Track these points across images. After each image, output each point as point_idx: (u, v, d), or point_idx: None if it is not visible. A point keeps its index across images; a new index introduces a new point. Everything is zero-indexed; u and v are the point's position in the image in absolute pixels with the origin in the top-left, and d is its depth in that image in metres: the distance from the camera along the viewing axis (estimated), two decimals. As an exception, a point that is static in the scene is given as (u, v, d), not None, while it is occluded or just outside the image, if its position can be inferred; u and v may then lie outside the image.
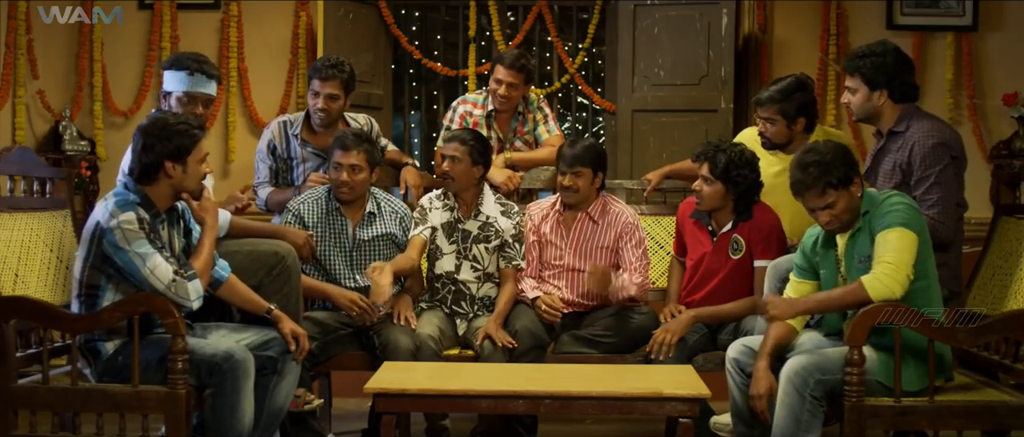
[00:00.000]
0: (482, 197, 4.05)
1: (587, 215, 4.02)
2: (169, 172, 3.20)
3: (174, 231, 3.34)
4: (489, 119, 4.54)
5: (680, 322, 3.77)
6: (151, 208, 3.21)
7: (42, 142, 5.86)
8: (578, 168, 3.94)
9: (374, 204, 3.95)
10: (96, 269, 3.18)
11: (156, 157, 3.18)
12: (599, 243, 4.01)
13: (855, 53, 3.66)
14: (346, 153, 3.85)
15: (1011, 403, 3.13)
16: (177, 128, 3.20)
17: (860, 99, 3.62)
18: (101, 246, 3.15)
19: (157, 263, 3.12)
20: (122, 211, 3.12)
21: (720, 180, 3.77)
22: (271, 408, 3.36)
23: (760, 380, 3.22)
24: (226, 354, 3.16)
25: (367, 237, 3.91)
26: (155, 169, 3.20)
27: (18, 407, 3.18)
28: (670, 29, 5.92)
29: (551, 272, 4.04)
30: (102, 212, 3.16)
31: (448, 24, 6.82)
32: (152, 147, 3.18)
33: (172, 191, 3.26)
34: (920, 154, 3.47)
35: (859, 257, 3.20)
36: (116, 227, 3.11)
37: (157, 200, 3.24)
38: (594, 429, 4.36)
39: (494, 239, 4.02)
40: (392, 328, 3.74)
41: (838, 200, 3.17)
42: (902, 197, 3.20)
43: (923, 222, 3.19)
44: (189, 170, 3.23)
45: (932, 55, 6.06)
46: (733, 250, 3.85)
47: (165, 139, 3.18)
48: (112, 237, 3.11)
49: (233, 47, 6.16)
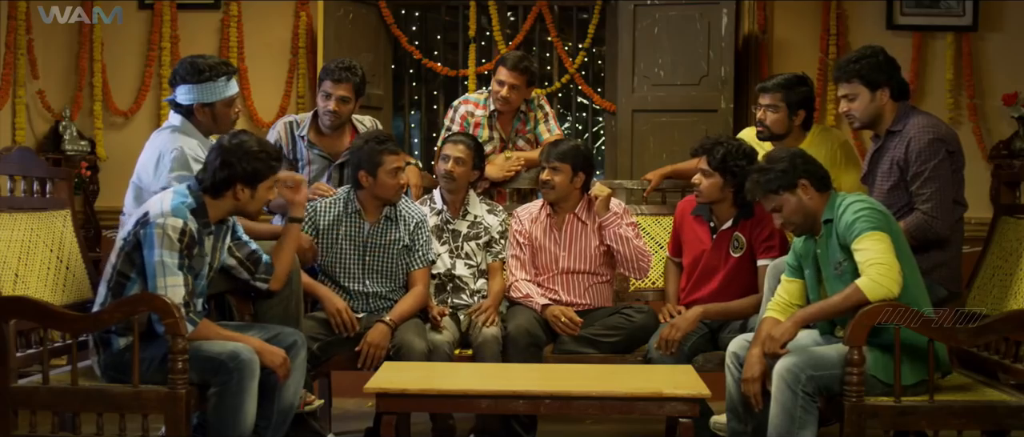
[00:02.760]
0: (468, 197, 4.14)
1: (574, 216, 4.03)
2: (237, 194, 3.26)
3: (219, 244, 3.37)
4: (491, 119, 4.54)
5: (687, 319, 3.76)
6: (203, 217, 3.25)
7: (42, 142, 5.87)
8: (556, 164, 3.96)
9: (392, 209, 3.95)
10: (129, 257, 3.21)
11: (229, 178, 3.23)
12: (591, 241, 4.02)
13: (847, 59, 3.68)
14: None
15: (1011, 403, 3.13)
16: (258, 155, 3.27)
17: (863, 103, 3.62)
18: (139, 235, 3.18)
19: (175, 283, 3.14)
20: (173, 213, 3.16)
21: (718, 172, 3.78)
22: (281, 407, 3.36)
23: (753, 365, 3.23)
24: (232, 353, 3.16)
25: (382, 241, 3.91)
26: (226, 186, 3.25)
27: (18, 407, 3.18)
28: (670, 29, 5.93)
29: (546, 276, 4.04)
30: (157, 204, 3.21)
31: (448, 24, 6.83)
32: (230, 165, 3.23)
33: (233, 210, 3.32)
34: (916, 149, 3.49)
35: (833, 263, 3.23)
36: (160, 225, 3.14)
37: (213, 213, 3.28)
38: (594, 429, 4.36)
39: (483, 236, 4.09)
40: (406, 331, 3.75)
41: (783, 203, 3.25)
42: (863, 201, 3.21)
43: (891, 222, 3.20)
44: (256, 196, 3.29)
45: (932, 55, 6.07)
46: (734, 248, 3.86)
47: (244, 162, 3.24)
48: (151, 231, 3.15)
49: (233, 47, 6.16)
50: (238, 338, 3.26)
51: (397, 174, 3.82)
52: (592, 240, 4.01)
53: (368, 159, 3.81)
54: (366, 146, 3.83)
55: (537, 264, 4.06)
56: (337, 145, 4.20)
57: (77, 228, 3.75)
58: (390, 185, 3.83)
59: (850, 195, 3.28)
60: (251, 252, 3.47)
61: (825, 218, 3.24)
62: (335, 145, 4.20)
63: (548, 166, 3.98)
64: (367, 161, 3.81)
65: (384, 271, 3.91)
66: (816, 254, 3.31)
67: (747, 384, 3.23)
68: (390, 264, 3.91)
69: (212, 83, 3.60)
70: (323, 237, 3.90)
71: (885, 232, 3.12)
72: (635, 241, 3.98)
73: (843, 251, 3.18)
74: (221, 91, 3.61)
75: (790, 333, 3.20)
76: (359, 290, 3.90)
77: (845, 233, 3.15)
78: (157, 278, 3.14)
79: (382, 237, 3.91)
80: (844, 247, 3.17)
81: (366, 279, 3.90)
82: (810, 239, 3.33)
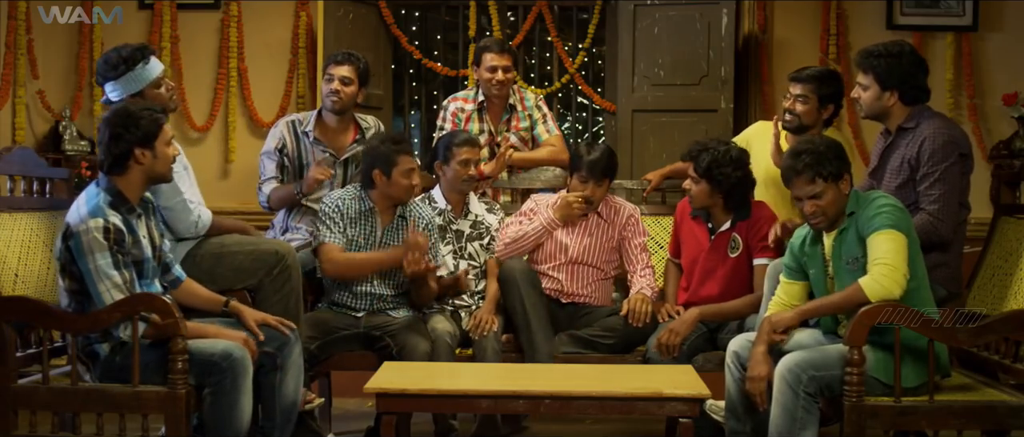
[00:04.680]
0: (468, 197, 4.15)
1: (596, 213, 4.04)
2: (140, 159, 3.20)
3: (152, 222, 3.33)
4: (480, 112, 4.55)
5: (684, 321, 3.76)
6: (124, 203, 3.20)
7: (42, 142, 5.86)
8: (604, 181, 3.99)
9: (404, 209, 3.95)
10: (70, 272, 3.17)
11: (126, 146, 3.18)
12: (606, 240, 4.05)
13: (870, 50, 3.63)
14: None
15: (1011, 403, 3.13)
16: (141, 114, 3.21)
17: (870, 97, 3.62)
18: (70, 248, 3.14)
19: (115, 284, 3.10)
20: (91, 216, 3.11)
21: (704, 179, 3.78)
22: (283, 404, 3.36)
23: (758, 363, 3.22)
24: (224, 352, 3.15)
25: (394, 242, 3.91)
26: (125, 158, 3.20)
27: (18, 407, 3.18)
28: (670, 29, 5.92)
29: (551, 264, 4.05)
30: (74, 212, 3.17)
31: (448, 24, 6.83)
32: (120, 137, 3.18)
33: (144, 178, 3.25)
34: (929, 150, 3.47)
35: (847, 258, 3.21)
36: (84, 232, 3.09)
37: (129, 192, 3.22)
38: (594, 429, 4.36)
39: (486, 235, 4.10)
40: (408, 331, 3.76)
41: (825, 192, 3.20)
42: (888, 198, 3.21)
43: (911, 223, 3.20)
44: (158, 154, 3.23)
45: (932, 55, 6.05)
46: (731, 248, 3.86)
47: (132, 127, 3.18)
48: (77, 242, 3.11)
49: (233, 47, 6.16)
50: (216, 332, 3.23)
51: (411, 175, 3.83)
52: (608, 236, 4.04)
53: (384, 159, 3.81)
54: (382, 146, 3.84)
55: (542, 251, 4.06)
56: (341, 141, 4.20)
57: (77, 228, 3.74)
58: (404, 186, 3.84)
59: (876, 191, 3.28)
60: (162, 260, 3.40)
61: (849, 210, 3.23)
62: (340, 141, 4.20)
63: (594, 182, 3.95)
64: (383, 161, 3.82)
65: (392, 272, 3.91)
66: (823, 251, 3.30)
67: (753, 382, 3.22)
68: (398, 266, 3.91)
69: (131, 72, 3.58)
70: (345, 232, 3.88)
71: (902, 232, 3.11)
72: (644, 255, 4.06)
73: (861, 245, 3.16)
74: (144, 76, 3.59)
75: (792, 321, 3.20)
76: (365, 290, 3.90)
77: (865, 226, 3.14)
78: (97, 284, 3.10)
79: (395, 238, 3.91)
80: (863, 241, 3.16)
81: (374, 279, 3.90)
82: (816, 241, 3.32)
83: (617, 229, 4.05)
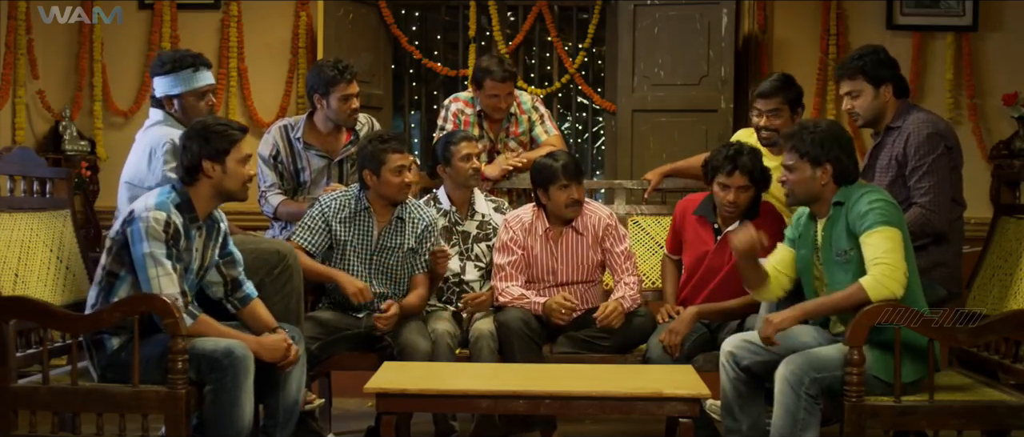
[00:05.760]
0: (473, 197, 4.13)
1: (572, 228, 4.00)
2: (208, 172, 3.24)
3: (210, 243, 3.36)
4: (480, 119, 4.55)
5: (683, 321, 3.76)
6: (189, 211, 3.24)
7: (42, 142, 5.86)
8: (582, 179, 3.96)
9: (403, 210, 3.95)
10: (118, 255, 3.21)
11: (194, 158, 3.23)
12: (587, 254, 4.00)
13: (850, 57, 3.70)
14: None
15: (1011, 403, 3.14)
16: (215, 129, 3.26)
17: (867, 99, 3.63)
18: (126, 233, 3.18)
19: (166, 272, 3.14)
20: (157, 208, 3.17)
21: (755, 184, 3.77)
22: (286, 403, 3.36)
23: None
24: (226, 350, 3.16)
25: (391, 243, 3.90)
26: (195, 169, 3.25)
27: (18, 407, 3.18)
28: (670, 29, 5.93)
29: (541, 287, 4.00)
30: (142, 201, 3.22)
31: (448, 24, 6.83)
32: (189, 148, 3.24)
33: (214, 193, 3.28)
34: (914, 144, 3.50)
35: (836, 250, 3.23)
36: (145, 218, 3.14)
37: (198, 203, 3.27)
38: (594, 429, 4.36)
39: (492, 236, 4.08)
40: (409, 331, 3.75)
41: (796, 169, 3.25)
42: (878, 192, 3.22)
43: (902, 217, 3.21)
44: (229, 170, 3.27)
45: (932, 55, 6.07)
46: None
47: (203, 140, 3.23)
48: (137, 227, 3.15)
49: (233, 47, 6.17)
50: (234, 335, 3.25)
51: (401, 172, 3.82)
52: (589, 252, 4.00)
53: (372, 158, 3.81)
54: (370, 146, 3.84)
55: (531, 275, 4.01)
56: (335, 143, 4.21)
57: (77, 228, 3.75)
58: (394, 183, 3.82)
59: (865, 185, 3.28)
60: (235, 278, 3.43)
61: (836, 200, 3.24)
62: (333, 143, 4.20)
63: (574, 183, 3.91)
64: (371, 160, 3.81)
65: (390, 273, 3.90)
66: (815, 236, 3.31)
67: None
68: (397, 267, 3.90)
69: (176, 73, 3.62)
70: (335, 235, 3.89)
71: (897, 229, 3.12)
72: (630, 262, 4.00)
73: (851, 239, 3.17)
74: (187, 82, 3.62)
75: (789, 321, 3.20)
76: None
77: (856, 222, 3.15)
78: (148, 269, 3.14)
79: (392, 239, 3.90)
80: (853, 235, 3.17)
81: (372, 280, 3.90)
82: (810, 221, 3.33)
83: (597, 240, 3.99)
